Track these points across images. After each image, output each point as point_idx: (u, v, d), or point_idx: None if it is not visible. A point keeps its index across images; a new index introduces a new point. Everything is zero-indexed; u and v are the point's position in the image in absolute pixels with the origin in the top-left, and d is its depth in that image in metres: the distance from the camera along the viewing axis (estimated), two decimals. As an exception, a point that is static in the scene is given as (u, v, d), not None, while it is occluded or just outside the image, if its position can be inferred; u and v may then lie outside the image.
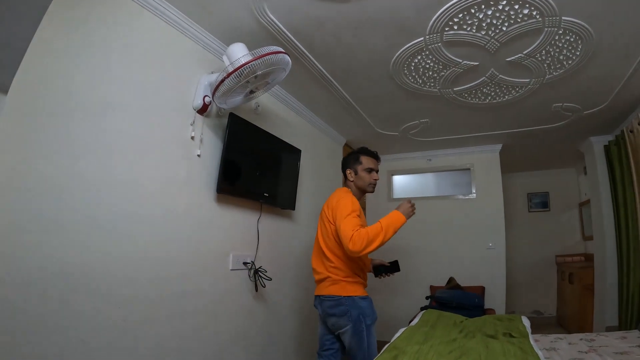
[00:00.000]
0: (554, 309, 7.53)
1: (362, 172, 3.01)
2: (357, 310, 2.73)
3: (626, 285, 4.72)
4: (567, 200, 7.89)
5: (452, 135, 5.52)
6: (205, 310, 2.77)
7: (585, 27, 2.81)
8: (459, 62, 3.27)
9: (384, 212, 6.14)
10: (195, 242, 2.71)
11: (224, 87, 2.42)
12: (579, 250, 7.48)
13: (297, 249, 4.04)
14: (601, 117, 4.79)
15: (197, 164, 2.76)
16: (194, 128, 2.72)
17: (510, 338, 2.65)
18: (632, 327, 4.45)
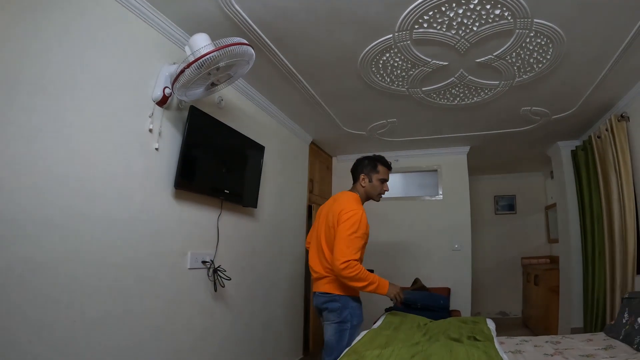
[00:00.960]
0: (519, 310, 7.75)
1: (377, 181, 3.10)
2: (348, 310, 2.85)
3: (591, 288, 4.86)
4: (533, 204, 8.14)
5: (420, 136, 5.56)
6: (162, 310, 2.70)
7: (557, 30, 2.86)
8: (428, 62, 3.29)
9: (349, 212, 6.13)
10: (152, 240, 2.64)
11: (184, 77, 2.37)
12: (544, 253, 7.72)
13: (259, 248, 4.00)
14: (569, 122, 4.91)
15: (155, 158, 2.68)
16: (153, 120, 2.65)
17: (474, 342, 2.63)
18: (598, 329, 4.55)
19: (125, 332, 2.40)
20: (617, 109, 4.33)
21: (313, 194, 5.61)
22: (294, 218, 4.96)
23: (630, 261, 3.91)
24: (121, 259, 2.39)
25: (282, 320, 4.52)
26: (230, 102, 3.59)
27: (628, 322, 3.20)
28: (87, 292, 2.17)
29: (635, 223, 3.95)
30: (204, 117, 3.01)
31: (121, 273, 2.39)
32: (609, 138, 4.31)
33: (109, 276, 2.30)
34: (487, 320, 3.22)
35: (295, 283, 4.93)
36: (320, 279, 2.93)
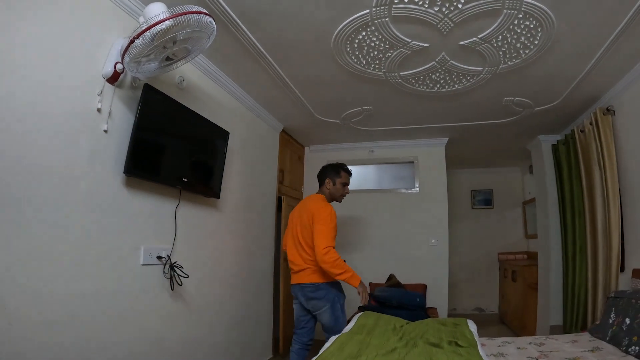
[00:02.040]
0: (496, 306, 7.83)
1: (339, 184, 3.80)
2: (333, 294, 3.47)
3: (572, 285, 4.86)
4: (511, 199, 8.23)
5: (397, 126, 5.45)
6: (111, 313, 2.46)
7: (547, 12, 2.75)
8: (407, 42, 3.13)
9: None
10: (99, 232, 2.40)
11: (134, 49, 2.14)
12: (521, 249, 7.81)
13: (222, 243, 3.82)
14: (552, 115, 4.88)
15: (103, 141, 2.44)
16: (102, 99, 2.40)
17: (456, 347, 2.50)
18: (578, 327, 4.55)
19: (69, 339, 2.16)
20: (602, 103, 4.29)
21: (283, 185, 5.44)
22: (263, 210, 4.78)
23: (615, 258, 3.87)
24: (62, 254, 2.15)
25: (250, 320, 4.36)
26: (192, 83, 3.37)
27: (615, 323, 3.13)
28: (21, 293, 1.93)
29: (619, 219, 3.89)
30: (160, 97, 2.79)
31: (62, 271, 2.14)
32: (593, 132, 4.27)
33: (47, 275, 2.07)
34: (468, 322, 3.12)
35: (264, 280, 4.76)
36: (302, 271, 3.51)
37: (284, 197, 5.31)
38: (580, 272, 4.72)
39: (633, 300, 3.09)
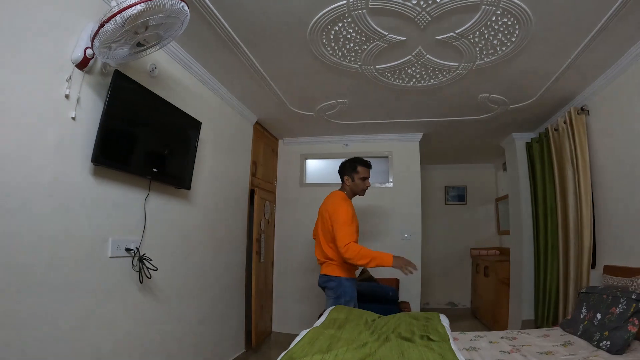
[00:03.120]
0: (468, 301, 7.99)
1: (358, 180, 3.90)
2: (341, 289, 3.66)
3: (543, 280, 4.99)
4: (484, 195, 8.38)
5: (371, 120, 5.48)
6: (78, 306, 2.41)
7: (525, 10, 2.79)
8: (384, 35, 3.14)
9: (295, 197, 6.12)
10: (65, 223, 2.33)
11: (104, 34, 2.09)
12: (494, 244, 7.99)
13: (193, 235, 3.78)
14: (527, 113, 4.98)
15: (71, 129, 2.37)
16: (70, 85, 2.33)
17: (428, 342, 2.49)
18: (549, 322, 4.66)
19: (33, 335, 2.10)
20: (577, 102, 4.40)
21: (256, 178, 5.41)
22: (235, 203, 4.75)
23: (586, 255, 3.98)
24: (26, 246, 2.09)
25: (221, 314, 4.34)
26: (164, 71, 3.31)
27: (586, 318, 3.21)
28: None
29: (591, 217, 4.00)
30: (131, 84, 2.73)
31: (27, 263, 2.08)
32: (567, 131, 4.37)
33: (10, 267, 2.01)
34: (440, 317, 3.13)
35: (236, 273, 4.75)
36: (321, 264, 3.87)
37: (256, 189, 5.28)
38: (551, 268, 4.83)
39: (604, 296, 3.17)
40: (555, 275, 4.76)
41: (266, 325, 5.71)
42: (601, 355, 2.70)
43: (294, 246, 6.14)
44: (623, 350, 2.70)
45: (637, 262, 3.40)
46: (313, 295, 5.74)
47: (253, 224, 5.19)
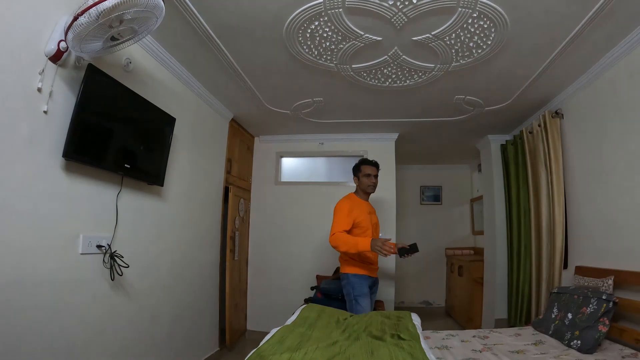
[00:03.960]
0: (443, 300, 8.10)
1: (363, 177, 4.07)
2: (350, 285, 3.80)
3: (516, 280, 5.10)
4: (459, 195, 8.52)
5: (347, 119, 5.52)
6: (48, 303, 2.40)
7: (501, 14, 2.84)
8: (360, 35, 3.17)
9: (270, 195, 6.14)
10: (36, 218, 2.32)
11: (78, 27, 2.09)
12: (468, 244, 8.13)
13: (166, 232, 3.77)
14: (502, 116, 5.07)
15: (43, 123, 2.36)
16: (43, 78, 2.32)
17: (399, 340, 2.54)
18: (522, 321, 4.77)
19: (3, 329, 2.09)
20: (552, 106, 4.51)
21: (231, 175, 5.41)
22: (209, 200, 4.75)
23: (558, 256, 4.09)
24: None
25: (195, 312, 4.33)
26: (139, 66, 3.30)
27: (557, 317, 3.30)
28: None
29: (563, 218, 4.11)
30: (104, 79, 2.71)
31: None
32: (541, 134, 4.47)
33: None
34: (412, 316, 3.18)
35: (209, 271, 4.75)
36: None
37: (231, 187, 5.29)
38: (524, 268, 4.94)
39: (575, 296, 3.26)
40: (527, 275, 4.87)
41: (241, 324, 5.71)
42: (572, 354, 2.78)
43: (269, 244, 6.16)
44: (594, 349, 2.79)
45: (607, 263, 3.52)
46: (288, 293, 5.78)
47: (227, 222, 5.19)
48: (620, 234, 3.40)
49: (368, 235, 3.85)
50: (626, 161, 3.34)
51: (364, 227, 3.86)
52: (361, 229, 3.85)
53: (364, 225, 3.86)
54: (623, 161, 3.38)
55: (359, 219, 3.84)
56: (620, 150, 3.41)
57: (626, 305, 3.07)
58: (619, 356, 2.69)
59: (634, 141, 3.22)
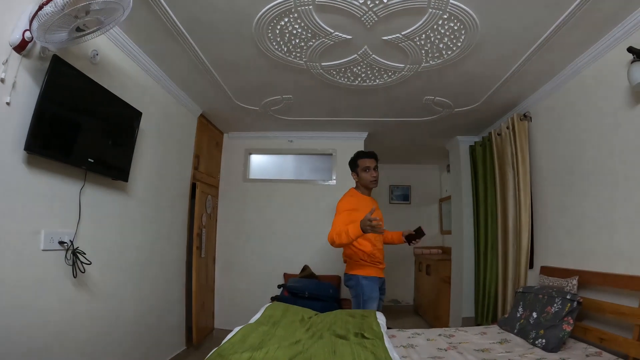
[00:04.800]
0: (411, 298, 8.21)
1: (362, 172, 3.87)
2: (359, 288, 3.67)
3: (483, 279, 5.21)
4: (427, 195, 8.66)
5: (317, 117, 5.54)
6: (9, 299, 2.35)
7: (472, 16, 2.90)
8: (330, 33, 3.19)
9: (238, 192, 6.14)
10: (-5, 212, 2.29)
11: (43, 16, 2.06)
12: (436, 244, 8.26)
13: (131, 228, 3.72)
14: (471, 117, 5.17)
15: (5, 114, 2.31)
16: (7, 68, 2.28)
17: (362, 339, 2.56)
18: (489, 319, 4.87)
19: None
20: (520, 109, 4.63)
21: (198, 171, 5.38)
22: (175, 196, 4.70)
23: (524, 255, 4.21)
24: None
25: (160, 310, 4.29)
26: (106, 58, 3.25)
27: (522, 317, 3.38)
28: None
29: (530, 219, 4.22)
30: (69, 70, 2.67)
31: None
32: (509, 136, 4.58)
33: None
34: (377, 314, 3.20)
35: (175, 269, 4.70)
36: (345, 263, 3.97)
37: (198, 183, 5.26)
38: (491, 268, 5.06)
39: (540, 296, 3.35)
40: (494, 275, 4.98)
41: (208, 322, 5.69)
42: (537, 352, 2.84)
43: (237, 242, 6.15)
44: (558, 348, 2.86)
45: (572, 263, 3.63)
46: (256, 291, 5.77)
47: (194, 218, 5.16)
48: (585, 236, 3.52)
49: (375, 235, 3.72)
50: (593, 165, 3.45)
51: None
52: None
53: None
54: (589, 165, 3.49)
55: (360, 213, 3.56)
56: (587, 154, 3.52)
57: (590, 304, 3.16)
58: (583, 354, 2.76)
59: (601, 146, 3.34)
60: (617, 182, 3.15)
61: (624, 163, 3.07)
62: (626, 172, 3.05)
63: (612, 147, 3.21)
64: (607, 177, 3.27)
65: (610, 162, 3.23)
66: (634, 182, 2.96)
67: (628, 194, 3.03)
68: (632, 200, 2.99)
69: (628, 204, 3.03)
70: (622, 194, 3.10)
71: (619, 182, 3.13)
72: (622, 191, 3.10)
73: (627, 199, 3.04)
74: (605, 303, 3.05)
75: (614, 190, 3.19)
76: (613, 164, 3.20)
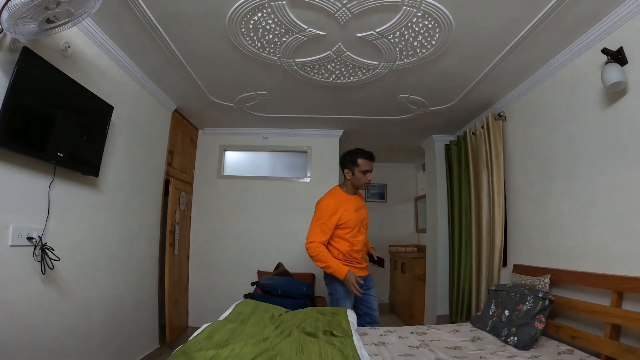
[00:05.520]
0: (387, 296, 8.25)
1: (359, 173, 3.78)
2: (333, 286, 3.67)
3: (457, 277, 5.30)
4: (403, 194, 8.75)
5: (291, 114, 5.56)
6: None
7: (446, 14, 2.93)
8: (303, 29, 3.20)
9: (213, 189, 6.12)
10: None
11: (13, 7, 2.03)
12: (412, 242, 8.37)
13: (102, 224, 3.69)
14: (446, 116, 5.25)
15: (-29, 107, 2.29)
16: (-25, 60, 2.27)
17: (331, 337, 2.58)
18: (464, 317, 4.95)
19: None
20: (495, 109, 4.72)
21: (172, 167, 5.35)
22: (148, 192, 4.67)
23: (497, 254, 4.28)
24: None
25: (133, 308, 4.25)
26: (79, 51, 3.21)
27: (495, 314, 3.44)
28: None
29: (503, 218, 4.30)
30: (39, 63, 2.64)
31: None
32: (484, 135, 4.66)
33: None
34: (347, 312, 3.22)
35: (148, 266, 4.67)
36: None
37: (172, 179, 5.24)
38: (465, 266, 5.14)
39: (512, 294, 3.42)
40: (468, 273, 5.07)
41: (182, 320, 5.66)
42: (509, 350, 2.90)
43: (211, 239, 6.13)
44: (530, 345, 2.93)
45: (545, 261, 3.71)
46: (230, 289, 5.74)
47: (167, 215, 5.14)
48: (558, 234, 3.60)
49: (354, 235, 3.71)
50: (566, 165, 3.53)
51: (351, 227, 3.68)
52: (347, 230, 3.67)
53: (350, 225, 3.68)
54: (563, 165, 3.57)
55: (346, 218, 3.65)
56: (561, 154, 3.60)
57: (562, 302, 3.23)
58: (555, 352, 2.83)
59: (575, 146, 3.42)
60: (589, 182, 3.23)
61: (597, 163, 3.15)
62: (599, 172, 3.13)
63: (586, 148, 3.28)
64: (580, 177, 3.35)
65: (584, 162, 3.31)
66: (607, 182, 3.04)
67: (601, 194, 3.11)
68: (604, 199, 3.07)
69: (600, 204, 3.11)
70: (594, 194, 3.18)
71: (591, 182, 3.21)
72: (594, 191, 3.18)
73: (599, 198, 3.12)
74: (577, 301, 3.11)
75: (586, 190, 3.27)
76: (586, 165, 3.28)
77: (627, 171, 2.84)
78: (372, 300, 3.86)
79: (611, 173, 3.00)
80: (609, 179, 3.02)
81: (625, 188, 2.85)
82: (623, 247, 2.86)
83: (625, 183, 2.85)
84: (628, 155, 2.84)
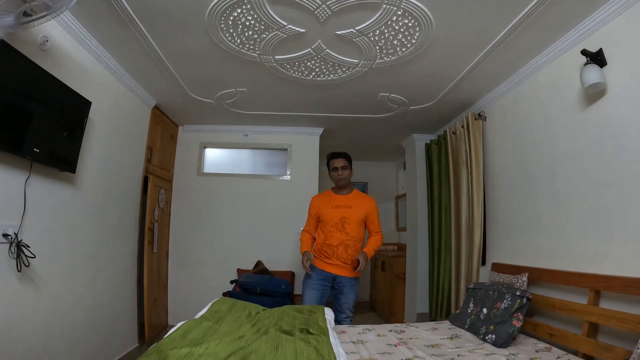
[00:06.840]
0: (368, 294, 8.28)
1: (331, 172, 4.17)
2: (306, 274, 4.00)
3: (437, 276, 5.35)
4: (384, 192, 8.79)
5: (272, 112, 5.56)
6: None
7: (426, 13, 2.96)
8: (283, 26, 3.21)
9: (192, 186, 6.18)
10: None
11: (-13, 1, 2.03)
12: (393, 240, 8.41)
13: (79, 222, 3.66)
14: (426, 115, 5.29)
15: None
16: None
17: (307, 335, 2.59)
18: (443, 315, 5.01)
19: None
20: (475, 109, 4.78)
21: (151, 164, 5.31)
22: (127, 189, 4.64)
23: (476, 252, 4.34)
24: None
25: (111, 306, 4.23)
26: (57, 45, 3.17)
27: (473, 312, 3.48)
28: None
29: (482, 216, 4.36)
30: (15, 56, 2.60)
31: None
32: (463, 134, 4.71)
33: None
34: (325, 310, 3.24)
35: (127, 264, 4.64)
36: None
37: (151, 176, 5.20)
38: (445, 264, 5.20)
39: (490, 292, 3.46)
40: (447, 271, 5.13)
41: (161, 319, 5.63)
42: (487, 348, 2.94)
43: (190, 236, 6.11)
44: (508, 343, 2.97)
45: (522, 260, 3.78)
46: (210, 287, 5.73)
47: (146, 212, 5.10)
48: (536, 233, 3.66)
49: (330, 230, 3.97)
50: (545, 165, 3.59)
51: (324, 221, 4.02)
52: (322, 223, 4.06)
53: (323, 220, 4.03)
54: (542, 164, 3.63)
55: (320, 212, 4.07)
56: (540, 154, 3.66)
57: (540, 301, 3.28)
58: (533, 350, 2.87)
59: (554, 146, 3.47)
60: (568, 181, 3.29)
61: (576, 164, 3.21)
62: (577, 172, 3.19)
63: (565, 148, 3.34)
64: (558, 177, 3.41)
65: (562, 162, 3.37)
66: (585, 181, 3.10)
67: (579, 194, 3.17)
68: (582, 199, 3.13)
69: (578, 203, 3.16)
70: (573, 194, 3.23)
71: (570, 182, 3.27)
72: (573, 190, 3.23)
73: (577, 198, 3.18)
74: (555, 299, 3.16)
75: (565, 189, 3.33)
76: (565, 165, 3.34)
77: (606, 172, 2.90)
78: (342, 302, 3.95)
79: (590, 174, 3.05)
80: (587, 179, 3.08)
81: (604, 188, 2.91)
82: (601, 246, 2.91)
83: (604, 184, 2.91)
84: (607, 156, 2.90)
